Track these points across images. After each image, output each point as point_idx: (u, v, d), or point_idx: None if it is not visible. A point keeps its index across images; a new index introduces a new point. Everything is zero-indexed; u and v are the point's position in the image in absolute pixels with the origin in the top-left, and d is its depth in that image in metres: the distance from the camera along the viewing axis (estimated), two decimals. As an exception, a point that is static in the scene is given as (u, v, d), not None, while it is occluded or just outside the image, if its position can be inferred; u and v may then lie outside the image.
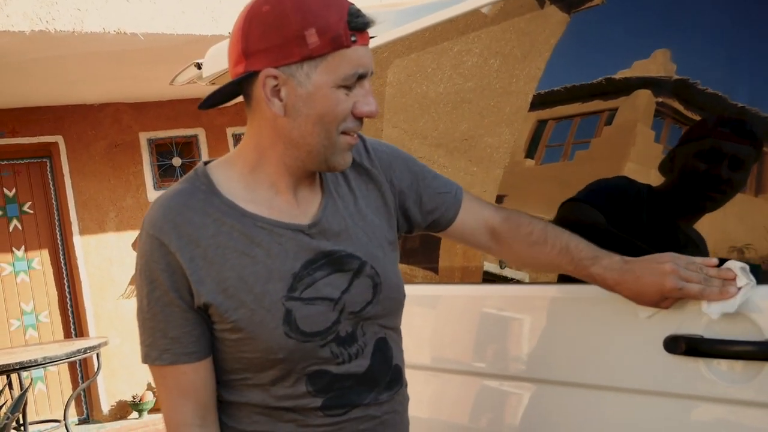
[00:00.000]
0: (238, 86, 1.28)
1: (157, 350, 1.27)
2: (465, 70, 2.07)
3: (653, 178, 1.61)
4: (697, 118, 1.55)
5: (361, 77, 1.24)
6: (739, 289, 1.28)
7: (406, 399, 1.45)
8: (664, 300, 1.36)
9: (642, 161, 1.67)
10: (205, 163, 1.32)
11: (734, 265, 1.30)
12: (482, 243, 1.58)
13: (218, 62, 2.89)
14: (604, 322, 1.54)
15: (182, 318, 1.25)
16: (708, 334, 1.35)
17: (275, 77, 1.22)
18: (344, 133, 1.26)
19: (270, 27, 1.21)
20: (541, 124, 1.92)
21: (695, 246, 1.47)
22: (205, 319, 1.26)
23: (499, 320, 1.79)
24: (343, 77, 1.23)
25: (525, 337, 1.74)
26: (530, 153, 1.93)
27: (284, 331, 1.24)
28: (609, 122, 1.74)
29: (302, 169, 1.30)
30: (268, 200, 1.29)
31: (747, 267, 1.29)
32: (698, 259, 1.34)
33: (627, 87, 1.68)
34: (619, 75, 1.70)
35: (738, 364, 1.32)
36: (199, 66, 3.13)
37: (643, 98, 1.65)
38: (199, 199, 1.26)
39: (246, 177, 1.29)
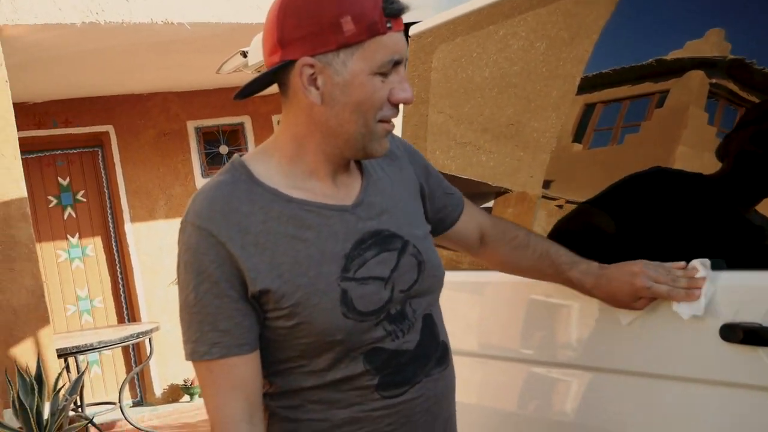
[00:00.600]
0: (274, 76, 1.28)
1: (206, 344, 1.23)
2: (511, 53, 2.04)
3: (704, 163, 1.58)
4: (755, 100, 1.51)
5: (396, 64, 1.24)
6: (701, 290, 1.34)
7: (454, 378, 1.45)
8: (637, 300, 1.45)
9: (694, 145, 1.63)
10: (239, 156, 1.33)
11: (696, 262, 1.34)
12: (471, 246, 1.62)
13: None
14: (655, 310, 1.52)
15: (233, 309, 1.22)
16: (766, 323, 1.32)
17: (312, 66, 1.22)
18: (381, 120, 1.26)
19: (305, 15, 1.20)
20: (589, 107, 1.89)
21: (760, 231, 1.43)
22: (256, 309, 1.24)
23: (547, 307, 1.77)
24: (380, 64, 1.22)
25: (573, 325, 1.72)
26: (578, 137, 1.90)
27: (342, 311, 1.23)
28: (660, 105, 1.71)
29: (340, 156, 1.30)
30: (310, 187, 1.29)
31: (708, 262, 1.34)
32: (668, 264, 1.43)
33: (679, 68, 1.64)
34: (671, 56, 1.66)
35: None
36: (244, 54, 3.16)
37: (696, 79, 1.62)
38: (242, 189, 1.25)
39: (285, 167, 1.29)
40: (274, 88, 1.33)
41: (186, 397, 6.69)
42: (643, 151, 1.73)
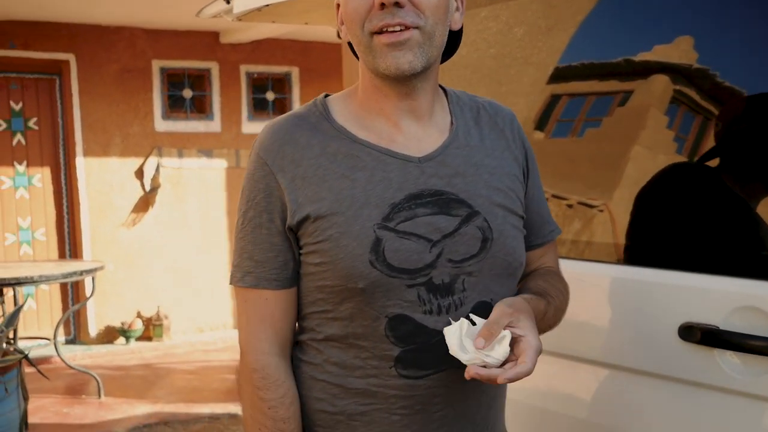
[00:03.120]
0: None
1: (241, 271, 1.26)
2: (488, 36, 2.06)
3: (658, 165, 1.62)
4: (713, 110, 1.55)
5: None
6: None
7: (500, 386, 1.32)
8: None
9: (651, 146, 1.67)
10: (326, 96, 1.31)
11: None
12: None
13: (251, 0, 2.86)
14: (618, 305, 1.57)
15: (268, 242, 1.23)
16: (724, 326, 1.37)
17: (338, 5, 1.26)
18: (377, 33, 1.18)
19: None
20: (556, 97, 1.92)
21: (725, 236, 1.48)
22: (292, 246, 1.23)
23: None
24: None
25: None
26: (541, 125, 1.93)
27: (369, 259, 1.17)
28: (623, 103, 1.74)
29: (388, 88, 1.23)
30: (379, 129, 1.25)
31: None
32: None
33: (645, 70, 1.67)
34: (639, 57, 1.69)
35: (751, 358, 1.35)
36: (227, 1, 3.10)
37: (660, 83, 1.65)
38: (310, 122, 1.25)
39: (357, 107, 1.27)
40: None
41: (121, 340, 6.64)
42: (601, 146, 1.76)
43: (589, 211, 1.77)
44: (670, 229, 1.57)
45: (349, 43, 1.29)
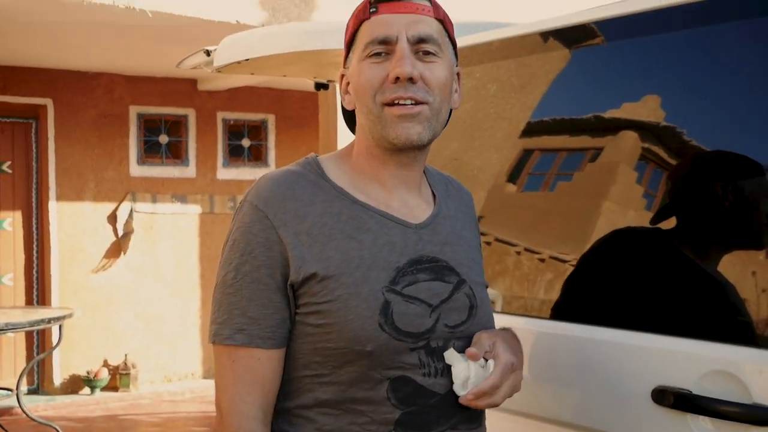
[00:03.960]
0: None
1: (231, 329, 1.21)
2: (463, 91, 2.10)
3: (628, 221, 1.66)
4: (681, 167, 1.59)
5: (385, 42, 1.22)
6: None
7: None
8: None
9: (621, 201, 1.71)
10: (315, 155, 1.34)
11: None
12: None
13: (231, 53, 2.91)
14: (595, 365, 1.59)
15: (266, 298, 1.20)
16: (697, 390, 1.38)
17: (343, 75, 1.32)
18: (388, 105, 1.22)
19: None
20: (528, 152, 1.96)
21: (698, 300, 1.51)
22: (289, 304, 1.21)
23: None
24: (363, 47, 1.24)
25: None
26: (513, 178, 1.96)
27: (379, 321, 1.18)
28: (593, 159, 1.78)
29: (385, 156, 1.27)
30: (374, 195, 1.28)
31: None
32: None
33: (615, 127, 1.71)
34: (608, 114, 1.74)
35: (724, 424, 1.35)
36: (207, 53, 3.15)
37: (629, 139, 1.69)
38: (309, 180, 1.26)
39: (351, 170, 1.30)
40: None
41: (86, 390, 6.49)
42: (572, 200, 1.80)
43: (561, 266, 1.79)
44: (639, 291, 1.59)
45: (344, 112, 1.35)
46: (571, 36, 1.84)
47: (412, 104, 1.21)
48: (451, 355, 1.24)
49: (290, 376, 1.24)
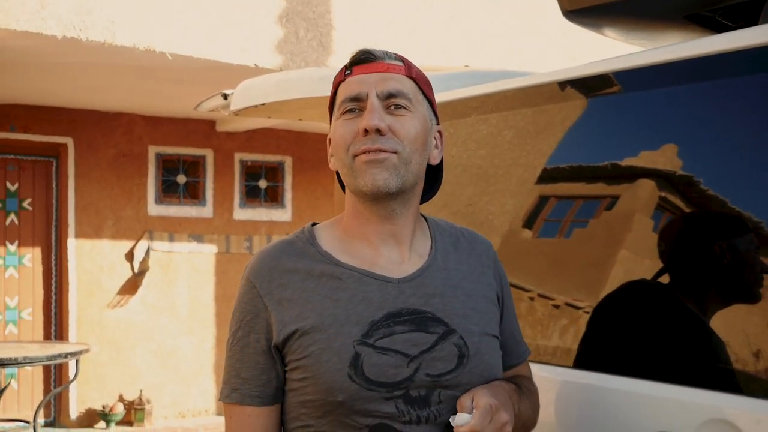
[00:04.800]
0: None
1: (228, 388, 1.34)
2: (479, 137, 2.15)
3: (643, 269, 1.69)
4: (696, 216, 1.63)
5: (357, 100, 1.32)
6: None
7: None
8: None
9: (636, 250, 1.74)
10: (314, 224, 1.42)
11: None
12: None
13: (248, 97, 2.98)
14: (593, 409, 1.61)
15: (254, 360, 1.31)
16: None
17: (330, 140, 1.38)
18: (356, 155, 1.30)
19: None
20: (544, 198, 2.00)
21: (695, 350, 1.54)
22: (277, 364, 1.31)
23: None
24: (338, 106, 1.35)
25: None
26: (529, 224, 2.00)
27: (348, 373, 1.25)
28: (610, 207, 1.81)
29: (368, 211, 1.34)
30: (362, 255, 1.34)
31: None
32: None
33: (632, 175, 1.75)
34: (625, 162, 1.78)
35: None
36: (225, 96, 3.22)
37: (646, 188, 1.72)
38: (297, 248, 1.35)
39: (342, 234, 1.38)
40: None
41: (101, 423, 6.52)
42: (587, 247, 1.83)
43: (575, 313, 1.82)
44: (641, 340, 1.63)
45: (337, 173, 1.42)
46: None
47: (378, 153, 1.29)
48: (457, 418, 1.25)
49: (287, 428, 1.34)
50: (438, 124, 1.40)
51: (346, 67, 1.36)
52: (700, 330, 1.57)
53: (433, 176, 1.45)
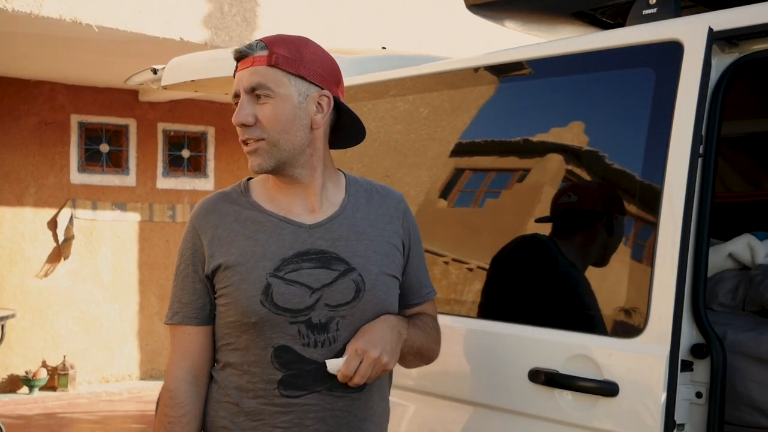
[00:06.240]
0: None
1: (171, 312, 1.61)
2: (396, 113, 2.40)
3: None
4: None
5: (236, 96, 1.57)
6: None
7: (371, 410, 1.61)
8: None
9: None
10: (249, 179, 1.67)
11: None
12: None
13: (179, 73, 3.16)
14: (484, 351, 1.93)
15: (192, 288, 1.59)
16: (563, 371, 1.75)
17: None
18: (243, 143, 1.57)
19: None
20: (459, 171, 2.23)
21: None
22: (209, 290, 1.58)
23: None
24: (232, 99, 1.59)
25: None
26: (444, 195, 2.24)
27: (260, 299, 1.51)
28: (521, 180, 2.06)
29: (274, 177, 1.59)
30: (285, 204, 1.59)
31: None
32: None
33: (542, 149, 2.00)
34: (537, 138, 2.02)
35: (581, 396, 1.73)
36: (154, 71, 3.38)
37: (554, 162, 1.99)
38: (231, 197, 1.63)
39: (273, 188, 1.62)
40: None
41: (24, 389, 6.58)
42: (500, 217, 2.09)
43: (484, 274, 2.10)
44: (520, 290, 1.95)
45: None
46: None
47: (251, 143, 1.55)
48: (330, 363, 1.52)
49: (217, 345, 1.61)
50: (323, 89, 1.57)
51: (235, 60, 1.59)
52: (568, 280, 1.90)
53: (353, 122, 1.65)
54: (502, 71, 2.17)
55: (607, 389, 1.68)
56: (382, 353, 1.52)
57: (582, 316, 1.84)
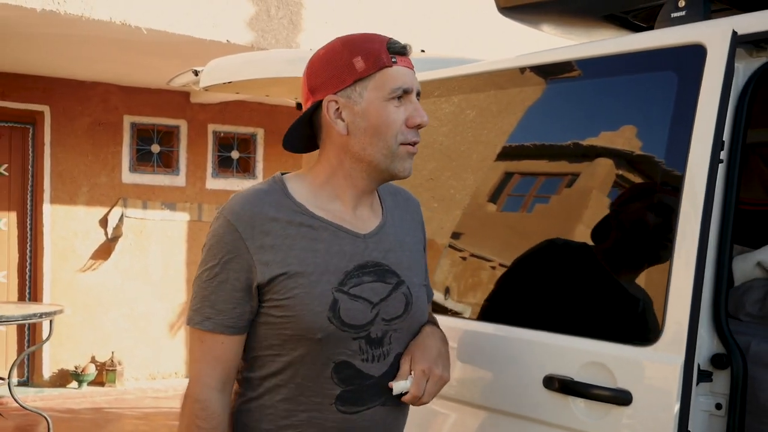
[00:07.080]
0: (311, 118, 1.55)
1: (200, 316, 1.49)
2: (441, 115, 2.36)
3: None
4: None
5: (406, 92, 1.49)
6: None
7: (405, 417, 1.63)
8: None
9: (592, 225, 1.93)
10: (281, 173, 1.58)
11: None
12: None
13: (216, 75, 3.21)
14: (500, 356, 1.91)
15: (230, 295, 1.47)
16: (577, 378, 1.72)
17: (335, 101, 1.50)
18: (403, 143, 1.49)
19: (325, 64, 1.51)
20: (507, 175, 2.17)
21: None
22: (252, 300, 1.47)
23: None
24: (390, 91, 1.47)
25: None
26: (493, 199, 2.18)
27: (328, 316, 1.45)
28: (570, 184, 2.00)
29: (367, 182, 1.53)
30: (332, 209, 1.52)
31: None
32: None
33: (592, 154, 1.95)
34: (586, 142, 1.97)
35: (595, 404, 1.69)
36: (195, 73, 3.45)
37: (604, 167, 1.93)
38: (274, 197, 1.51)
39: (315, 189, 1.54)
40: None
41: (74, 384, 6.76)
42: (548, 221, 2.04)
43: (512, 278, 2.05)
44: (541, 296, 1.90)
45: (296, 134, 1.58)
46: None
47: (416, 146, 1.52)
48: (396, 385, 1.52)
49: (257, 354, 1.52)
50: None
51: (390, 52, 1.49)
52: (583, 288, 1.86)
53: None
54: (533, 73, 2.14)
55: (621, 398, 1.64)
56: (444, 369, 1.54)
57: (597, 322, 1.80)
